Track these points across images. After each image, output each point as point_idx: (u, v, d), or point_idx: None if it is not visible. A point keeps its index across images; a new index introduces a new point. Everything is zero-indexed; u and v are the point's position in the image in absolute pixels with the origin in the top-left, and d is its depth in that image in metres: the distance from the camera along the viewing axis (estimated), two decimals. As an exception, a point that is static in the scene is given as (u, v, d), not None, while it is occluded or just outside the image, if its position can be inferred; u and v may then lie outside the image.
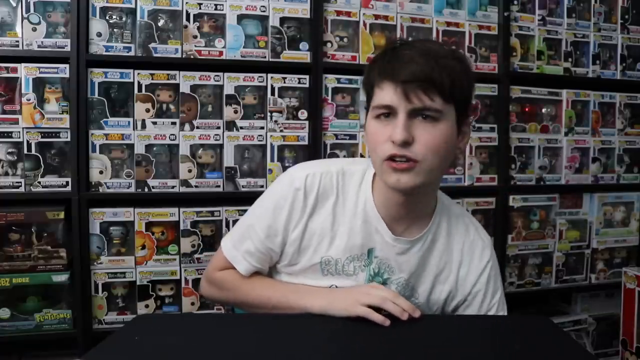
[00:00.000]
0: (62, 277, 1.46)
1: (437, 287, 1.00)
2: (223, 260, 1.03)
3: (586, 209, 1.93)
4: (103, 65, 1.50)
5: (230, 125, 1.58)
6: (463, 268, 1.00)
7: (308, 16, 1.62)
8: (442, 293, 1.00)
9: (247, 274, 1.00)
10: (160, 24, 1.54)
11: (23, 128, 1.46)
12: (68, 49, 1.46)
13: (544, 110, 1.90)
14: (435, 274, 0.99)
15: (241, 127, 1.59)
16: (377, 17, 1.69)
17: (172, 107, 1.55)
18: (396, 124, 0.84)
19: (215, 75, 1.57)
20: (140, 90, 1.52)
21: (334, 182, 0.96)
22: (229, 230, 1.53)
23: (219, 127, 1.57)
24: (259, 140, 1.60)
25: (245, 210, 1.07)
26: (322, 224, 0.96)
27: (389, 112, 0.85)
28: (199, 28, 1.56)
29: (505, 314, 1.03)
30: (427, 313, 1.00)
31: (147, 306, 1.55)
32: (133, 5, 1.51)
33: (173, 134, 1.54)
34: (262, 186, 1.60)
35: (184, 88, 1.55)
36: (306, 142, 1.64)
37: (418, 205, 0.95)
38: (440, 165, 0.88)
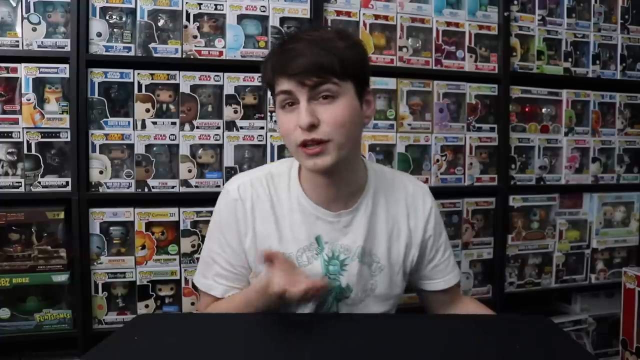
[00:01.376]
0: (62, 277, 1.46)
1: (393, 246, 1.05)
2: (204, 297, 1.07)
3: (586, 209, 1.93)
4: (103, 65, 1.50)
5: (230, 125, 1.58)
6: (411, 220, 1.07)
7: (308, 16, 1.62)
8: (400, 251, 1.06)
9: (222, 295, 1.04)
10: (160, 24, 1.54)
11: (23, 128, 1.46)
12: (68, 49, 1.46)
13: (544, 110, 1.90)
14: (388, 234, 1.05)
15: (241, 127, 1.59)
16: (377, 17, 1.69)
17: (172, 107, 1.55)
18: (300, 110, 0.89)
19: (215, 75, 1.56)
20: (140, 90, 1.52)
21: (264, 186, 1.03)
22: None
23: (219, 127, 1.57)
24: (259, 140, 1.59)
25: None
26: (266, 226, 1.01)
27: (292, 101, 0.91)
28: (199, 28, 1.56)
29: (452, 253, 1.13)
30: (391, 276, 1.06)
31: (147, 306, 1.55)
32: (133, 5, 1.51)
33: (173, 134, 1.54)
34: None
35: (184, 88, 1.55)
36: (306, 142, 1.63)
37: (347, 180, 1.00)
38: (350, 138, 0.92)
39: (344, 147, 0.91)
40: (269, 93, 1.60)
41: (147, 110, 1.53)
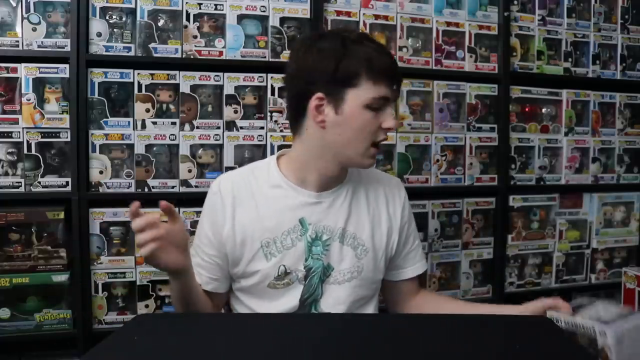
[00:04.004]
0: (62, 277, 1.46)
1: (376, 231, 1.12)
2: None
3: (586, 209, 1.93)
4: (103, 65, 1.49)
5: (230, 125, 1.58)
6: (390, 206, 1.16)
7: (308, 16, 1.62)
8: (382, 236, 1.13)
9: (204, 285, 1.09)
10: (160, 24, 1.54)
11: (23, 128, 1.46)
12: (68, 49, 1.46)
13: (544, 110, 1.90)
14: (371, 219, 1.12)
15: (241, 127, 1.59)
16: (377, 17, 1.69)
17: (172, 107, 1.55)
18: (388, 114, 1.01)
19: (215, 75, 1.56)
20: (140, 90, 1.52)
21: (245, 179, 1.10)
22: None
23: (219, 127, 1.57)
24: (259, 140, 1.59)
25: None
26: (248, 213, 1.07)
27: (380, 106, 1.00)
28: (199, 28, 1.56)
29: (420, 244, 1.23)
30: (375, 260, 1.12)
31: (147, 306, 1.55)
32: (133, 5, 1.51)
33: (173, 134, 1.54)
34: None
35: (184, 88, 1.55)
36: (306, 142, 1.63)
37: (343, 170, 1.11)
38: None
39: None
40: (269, 92, 1.60)
41: (147, 110, 1.53)
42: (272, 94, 1.60)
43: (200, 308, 1.06)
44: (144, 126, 1.53)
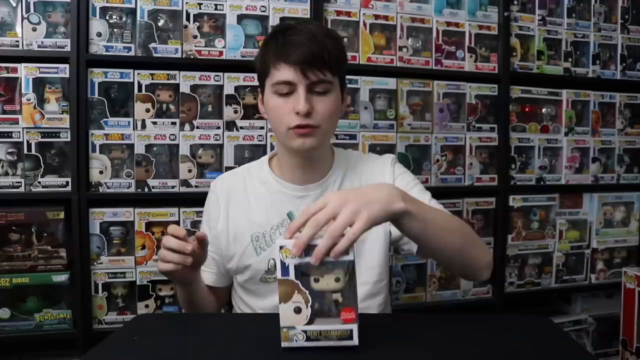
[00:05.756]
0: (62, 277, 1.46)
1: None
2: None
3: (586, 209, 1.93)
4: (103, 65, 1.50)
5: (230, 125, 1.58)
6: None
7: (308, 16, 1.62)
8: None
9: (205, 280, 1.13)
10: (160, 24, 1.54)
11: (23, 128, 1.46)
12: (68, 49, 1.46)
13: (544, 110, 1.90)
14: None
15: (241, 127, 1.59)
16: (377, 17, 1.69)
17: (172, 107, 1.55)
18: (298, 98, 0.99)
19: (215, 75, 1.57)
20: (140, 90, 1.52)
21: (240, 178, 1.16)
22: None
23: (219, 127, 1.57)
24: (259, 140, 1.60)
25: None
26: (241, 210, 1.12)
27: (288, 90, 1.00)
28: (199, 28, 1.56)
29: (430, 196, 1.11)
30: (370, 246, 1.09)
31: (147, 306, 1.55)
32: (133, 5, 1.51)
33: (173, 134, 1.54)
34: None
35: (184, 88, 1.55)
36: (306, 142, 1.63)
37: (319, 163, 1.12)
38: (333, 128, 1.09)
39: (327, 134, 1.07)
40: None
41: (147, 110, 1.53)
42: (272, 94, 1.60)
43: (205, 306, 1.09)
44: (144, 126, 1.53)
